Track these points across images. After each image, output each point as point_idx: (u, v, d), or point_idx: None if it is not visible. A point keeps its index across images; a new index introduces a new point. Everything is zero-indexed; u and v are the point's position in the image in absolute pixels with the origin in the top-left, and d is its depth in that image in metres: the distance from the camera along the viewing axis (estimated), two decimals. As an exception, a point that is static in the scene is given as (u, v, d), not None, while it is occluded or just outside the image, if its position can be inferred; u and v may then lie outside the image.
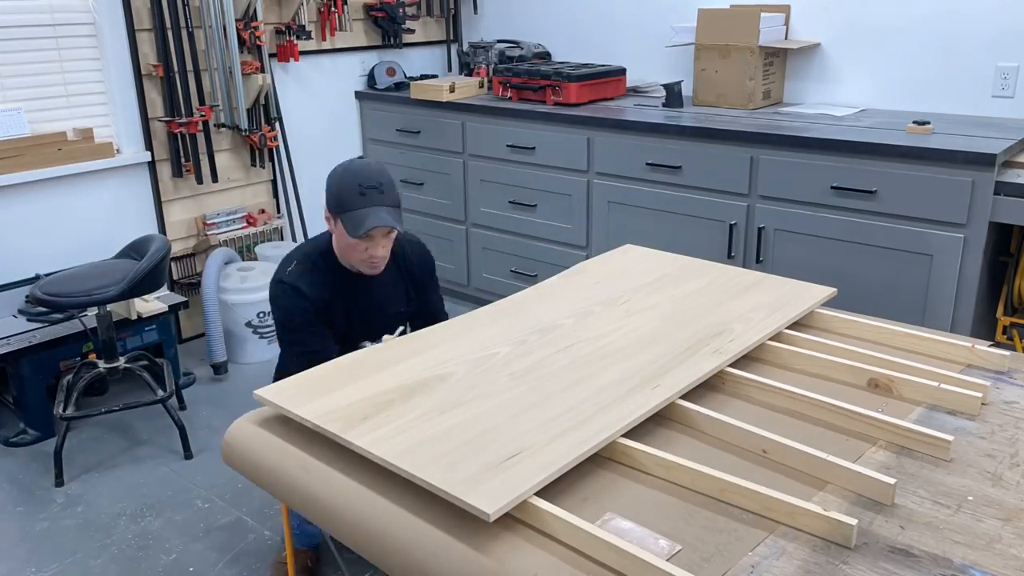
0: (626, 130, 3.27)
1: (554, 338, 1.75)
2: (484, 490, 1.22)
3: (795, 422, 1.50)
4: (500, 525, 1.22)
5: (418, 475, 1.26)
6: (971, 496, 1.28)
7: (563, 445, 1.34)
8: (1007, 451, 1.40)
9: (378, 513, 1.29)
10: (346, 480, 1.36)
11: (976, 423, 1.49)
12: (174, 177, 3.58)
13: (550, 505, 1.21)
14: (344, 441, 1.38)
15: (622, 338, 1.74)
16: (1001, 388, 1.60)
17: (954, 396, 1.53)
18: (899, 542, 1.17)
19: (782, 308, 1.88)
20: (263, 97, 3.76)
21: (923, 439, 1.39)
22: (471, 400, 1.50)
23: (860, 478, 1.27)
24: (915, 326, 1.86)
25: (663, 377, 1.56)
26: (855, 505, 1.25)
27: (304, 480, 1.39)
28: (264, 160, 3.88)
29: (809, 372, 1.68)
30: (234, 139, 3.79)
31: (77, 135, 3.30)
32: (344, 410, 1.47)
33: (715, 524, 1.22)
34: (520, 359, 1.66)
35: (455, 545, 1.19)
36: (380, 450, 1.33)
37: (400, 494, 1.31)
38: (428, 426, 1.41)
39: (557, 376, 1.58)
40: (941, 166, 2.55)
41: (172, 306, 3.26)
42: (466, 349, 1.71)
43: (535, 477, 1.25)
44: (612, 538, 1.13)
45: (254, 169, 3.89)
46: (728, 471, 1.30)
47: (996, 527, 1.20)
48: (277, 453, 1.46)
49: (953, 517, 1.23)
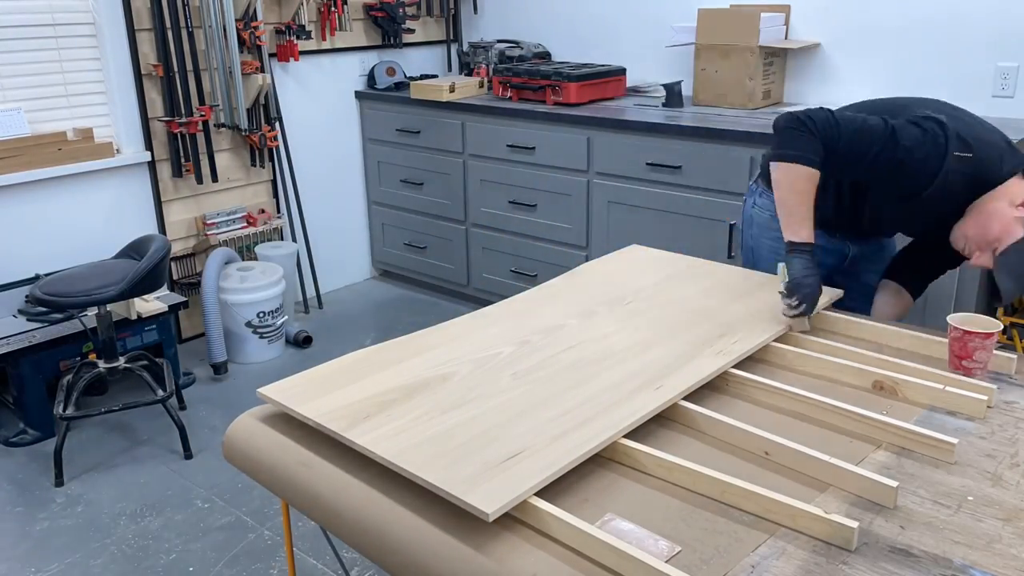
0: (626, 130, 3.27)
1: (558, 338, 1.75)
2: (484, 490, 1.22)
3: (799, 424, 1.50)
4: (500, 525, 1.22)
5: (418, 474, 1.26)
6: (971, 496, 1.28)
7: (564, 445, 1.34)
8: (1007, 451, 1.40)
9: (378, 511, 1.29)
10: (347, 478, 1.36)
11: (976, 423, 1.49)
12: (174, 177, 3.58)
13: (549, 505, 1.21)
14: (345, 440, 1.38)
15: (626, 339, 1.74)
16: (1002, 388, 1.60)
17: (960, 399, 1.53)
18: (899, 542, 1.17)
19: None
20: (263, 97, 3.76)
21: (927, 442, 1.39)
22: (473, 400, 1.50)
23: (862, 480, 1.27)
24: (916, 326, 1.86)
25: (665, 378, 1.56)
26: (855, 506, 1.25)
27: (304, 477, 1.39)
28: (264, 160, 3.88)
29: (813, 374, 1.68)
30: (234, 139, 3.79)
31: (77, 135, 3.30)
32: (346, 409, 1.47)
33: (715, 526, 1.22)
34: (523, 359, 1.66)
35: (454, 544, 1.19)
36: (381, 449, 1.33)
37: (401, 493, 1.31)
38: (429, 426, 1.41)
39: (559, 377, 1.58)
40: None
41: (172, 306, 3.27)
42: (469, 349, 1.71)
43: (535, 477, 1.25)
44: (611, 539, 1.13)
45: (254, 169, 3.90)
46: (730, 472, 1.30)
47: (996, 527, 1.21)
48: (278, 450, 1.46)
49: (953, 517, 1.23)
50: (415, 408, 1.47)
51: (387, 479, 1.34)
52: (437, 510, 1.26)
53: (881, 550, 1.15)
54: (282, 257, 3.76)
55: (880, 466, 1.36)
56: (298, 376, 1.61)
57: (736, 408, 1.55)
